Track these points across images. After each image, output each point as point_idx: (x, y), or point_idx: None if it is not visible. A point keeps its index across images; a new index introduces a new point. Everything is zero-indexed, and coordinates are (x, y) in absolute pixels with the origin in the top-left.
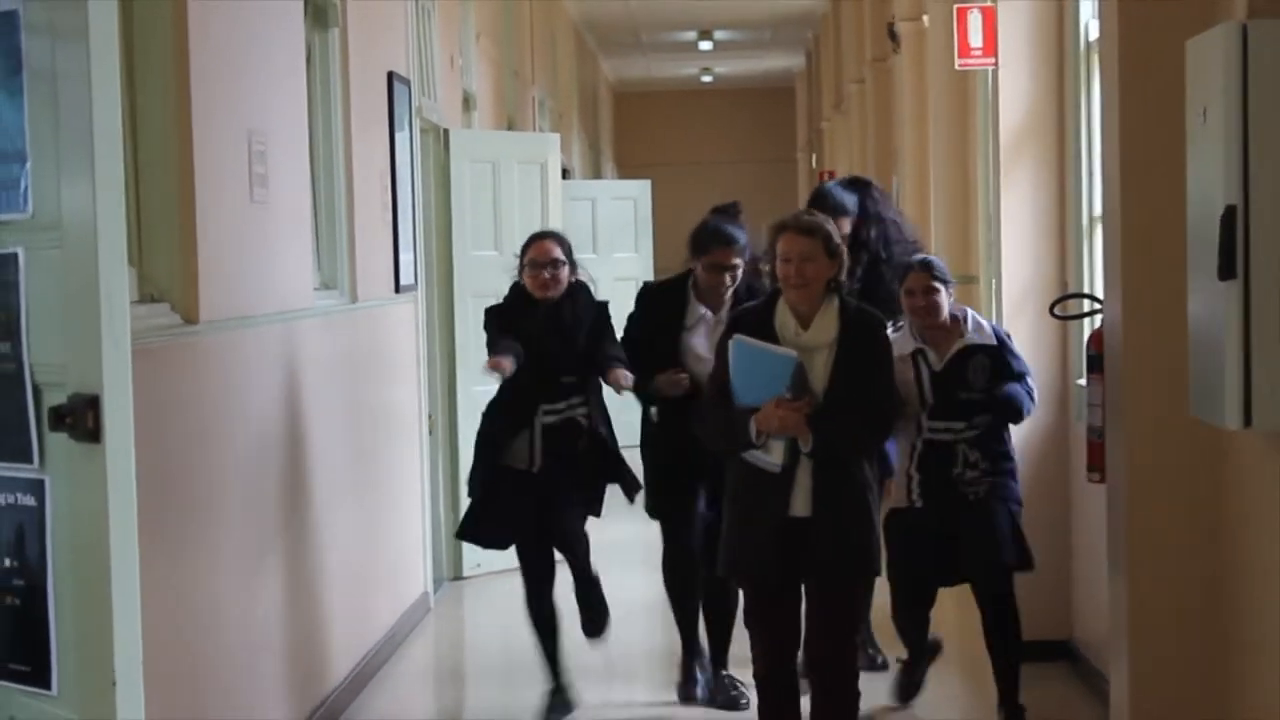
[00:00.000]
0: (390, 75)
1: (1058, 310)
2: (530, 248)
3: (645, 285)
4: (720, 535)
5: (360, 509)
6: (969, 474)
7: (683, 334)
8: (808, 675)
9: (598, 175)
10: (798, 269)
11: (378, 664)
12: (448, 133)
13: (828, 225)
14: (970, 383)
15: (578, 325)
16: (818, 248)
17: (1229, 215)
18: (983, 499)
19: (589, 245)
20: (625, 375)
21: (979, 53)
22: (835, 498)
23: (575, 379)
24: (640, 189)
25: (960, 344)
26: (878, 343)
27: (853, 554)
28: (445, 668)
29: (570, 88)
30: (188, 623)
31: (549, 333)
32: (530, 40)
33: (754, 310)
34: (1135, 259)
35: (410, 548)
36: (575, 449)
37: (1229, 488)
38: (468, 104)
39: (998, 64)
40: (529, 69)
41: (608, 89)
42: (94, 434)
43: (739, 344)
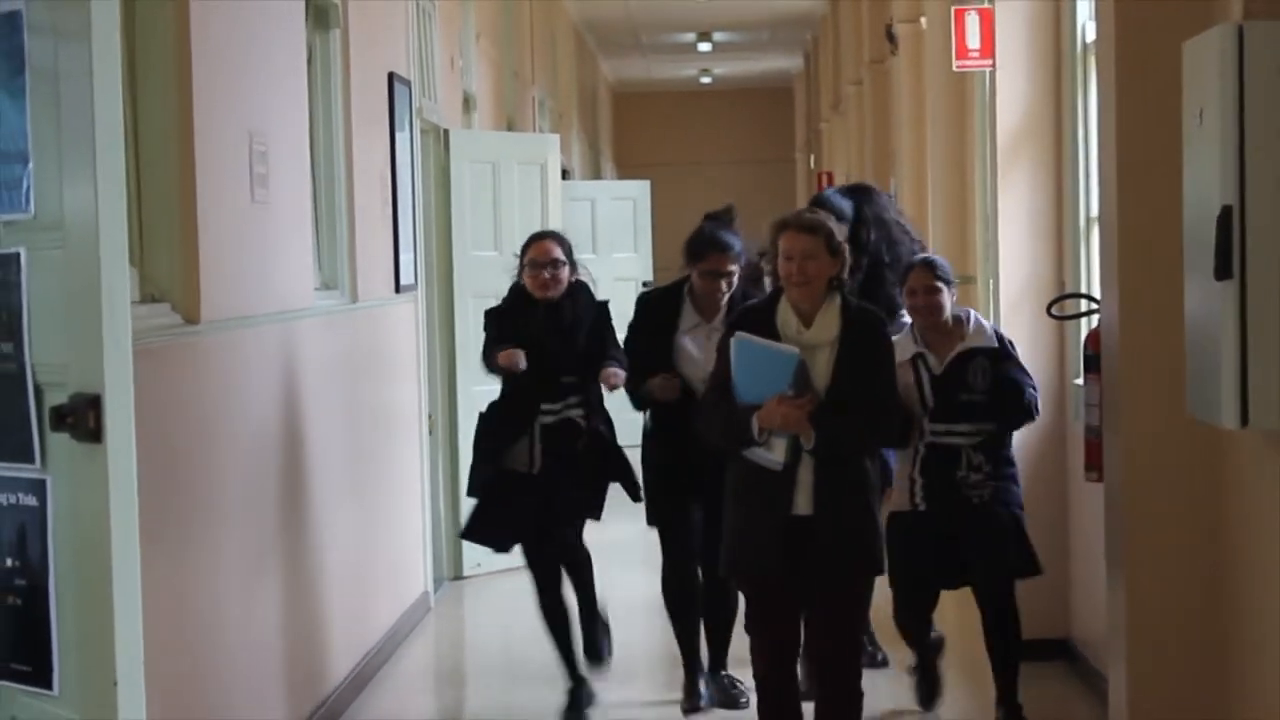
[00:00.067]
0: (391, 76)
1: (1055, 310)
2: (530, 248)
3: (644, 294)
4: (720, 537)
5: (360, 509)
6: (973, 477)
7: (676, 337)
8: (810, 675)
9: (597, 176)
10: (799, 267)
11: (378, 664)
12: (448, 133)
13: (830, 223)
14: (971, 385)
15: (577, 325)
16: (819, 246)
17: (1225, 215)
18: (987, 503)
19: (588, 245)
20: (616, 374)
21: (976, 54)
22: (838, 496)
23: (575, 379)
24: (640, 189)
25: (961, 346)
26: (880, 341)
27: (856, 552)
28: (445, 667)
29: (570, 88)
30: (188, 622)
31: (548, 333)
32: (530, 41)
33: (756, 308)
34: (1132, 259)
35: (410, 547)
36: (574, 449)
37: (1226, 487)
38: (468, 105)
39: (995, 65)
40: (529, 70)
41: (607, 90)
42: (95, 434)
43: (741, 341)
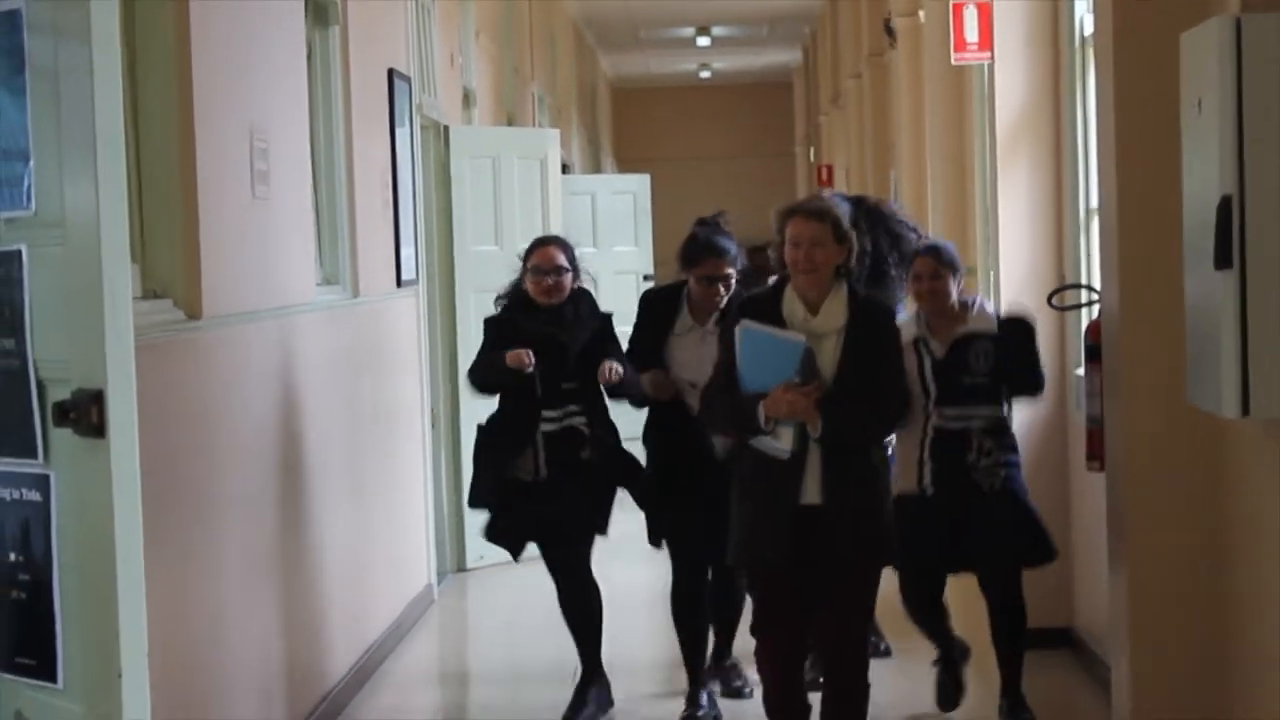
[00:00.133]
0: (391, 72)
1: (1055, 301)
2: (534, 253)
3: (647, 291)
4: (721, 535)
5: (363, 502)
6: (983, 461)
7: (670, 338)
8: (817, 666)
9: (597, 170)
10: (807, 254)
11: (382, 655)
12: (448, 129)
13: (837, 210)
14: (973, 368)
15: (579, 331)
16: (827, 232)
17: (1225, 205)
18: (997, 492)
19: (589, 239)
20: (614, 366)
21: (975, 47)
22: (846, 484)
23: (575, 385)
24: (640, 183)
25: (962, 330)
26: (887, 329)
27: (865, 541)
28: (449, 660)
29: (569, 84)
30: (191, 616)
31: (549, 339)
32: (529, 37)
33: (762, 296)
34: (1132, 250)
35: (414, 540)
36: (578, 457)
37: (1227, 476)
38: (468, 100)
39: (994, 58)
40: (528, 66)
41: (607, 85)
42: (98, 429)
43: (747, 330)
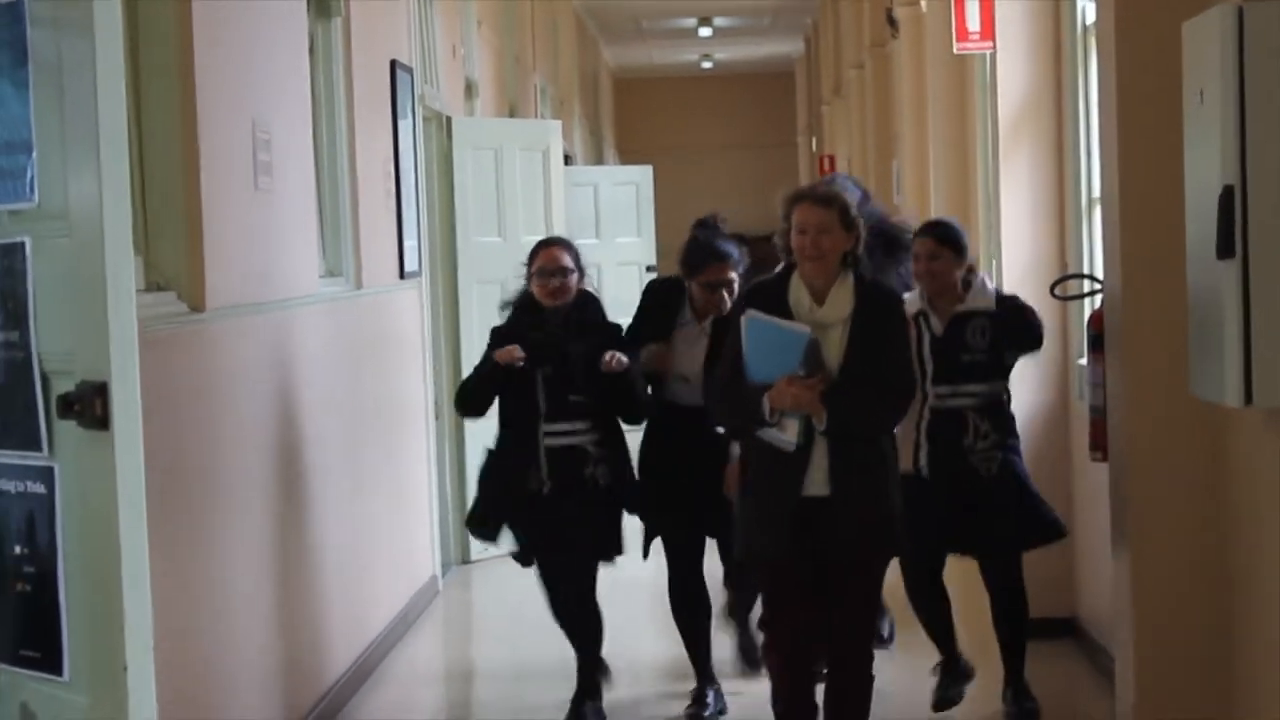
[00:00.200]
0: (393, 64)
1: (1058, 291)
2: (539, 255)
3: (652, 281)
4: (725, 533)
5: (367, 494)
6: (980, 445)
7: (675, 329)
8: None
9: (599, 161)
10: (813, 241)
11: (387, 647)
12: (450, 120)
13: (844, 196)
14: (971, 345)
15: (585, 339)
16: (834, 219)
17: (1227, 195)
18: (996, 476)
19: (591, 230)
20: (617, 356)
21: (977, 37)
22: (853, 475)
23: (583, 400)
24: (642, 174)
25: (959, 308)
26: (894, 318)
27: (872, 532)
28: (453, 651)
29: (571, 75)
30: (195, 608)
31: (557, 347)
32: (531, 28)
33: (768, 285)
34: (1134, 239)
35: (418, 532)
36: (583, 479)
37: (1230, 465)
38: (470, 91)
39: (996, 48)
40: (530, 56)
41: (609, 75)
42: (102, 421)
43: (752, 320)
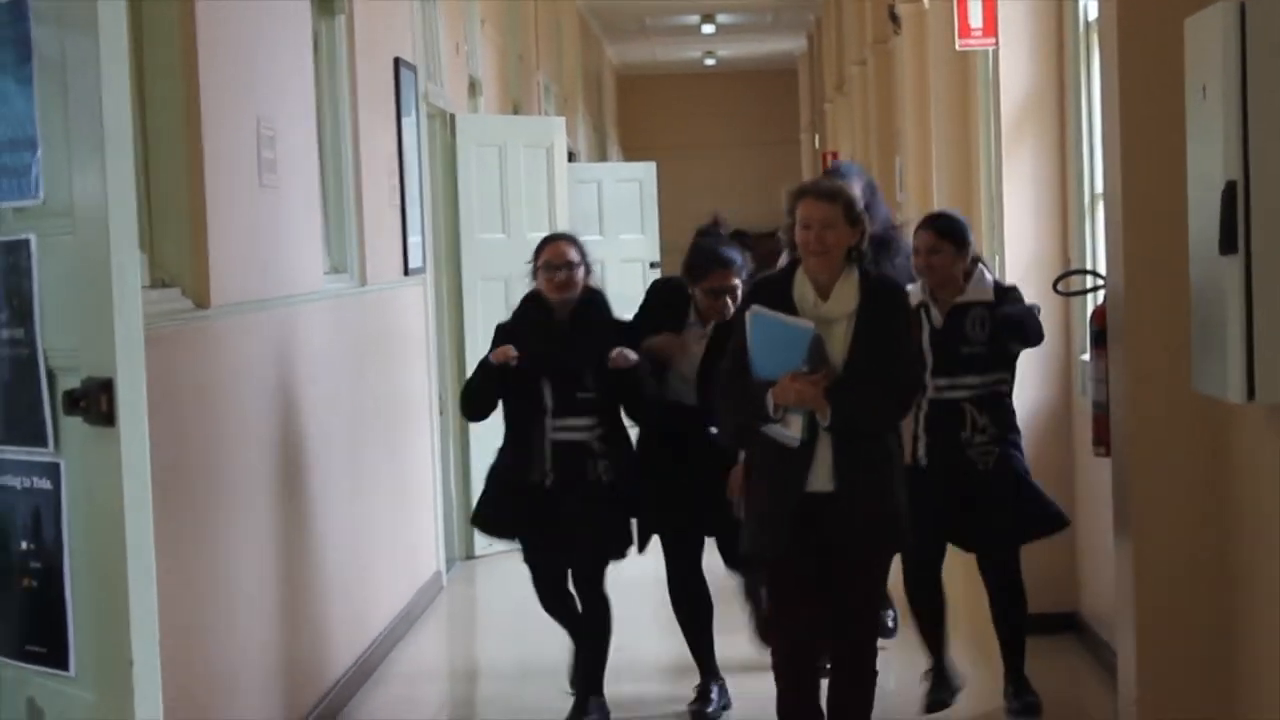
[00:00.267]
0: (397, 61)
1: (1060, 287)
2: (544, 250)
3: (658, 280)
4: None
5: (372, 490)
6: (977, 439)
7: (684, 329)
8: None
9: (603, 158)
10: (818, 236)
11: (391, 643)
12: (454, 117)
13: (848, 191)
14: (970, 337)
15: (592, 338)
16: (838, 214)
17: (1229, 190)
18: (992, 471)
19: (595, 227)
20: (624, 353)
21: (979, 33)
22: (857, 471)
23: (591, 396)
24: (645, 171)
25: (958, 299)
26: (899, 313)
27: (876, 528)
28: (458, 646)
29: (575, 72)
30: (199, 604)
31: (563, 343)
32: (535, 25)
33: (772, 279)
34: (1137, 235)
35: (422, 528)
36: (586, 476)
37: (1232, 460)
38: (473, 89)
39: (998, 44)
40: (534, 54)
41: (612, 73)
42: (108, 417)
43: (756, 315)
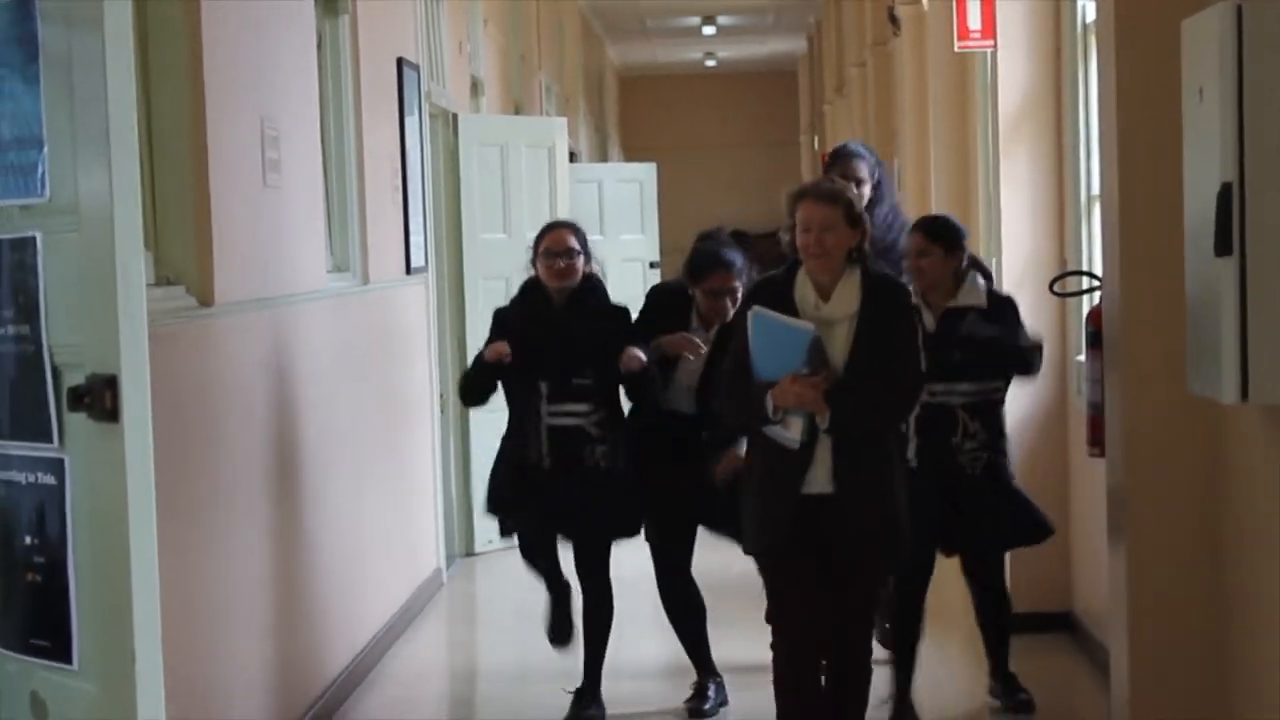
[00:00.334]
0: (400, 61)
1: (1057, 288)
2: (545, 237)
3: (656, 286)
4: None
5: (373, 487)
6: (968, 444)
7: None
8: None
9: (604, 158)
10: (817, 238)
11: (391, 639)
12: (456, 117)
13: (848, 193)
14: (960, 342)
15: (590, 325)
16: (838, 216)
17: (1225, 192)
18: (980, 477)
19: (596, 227)
20: (635, 354)
21: (978, 35)
22: (857, 474)
23: (588, 384)
24: (646, 171)
25: (950, 304)
26: (901, 314)
27: (875, 530)
28: (458, 642)
29: (576, 73)
30: (202, 599)
31: (559, 330)
32: (537, 26)
33: (774, 280)
34: (1133, 236)
35: (423, 524)
36: (584, 463)
37: (1226, 461)
38: (476, 89)
39: (996, 46)
40: (536, 55)
41: (613, 74)
42: (112, 414)
43: (757, 316)
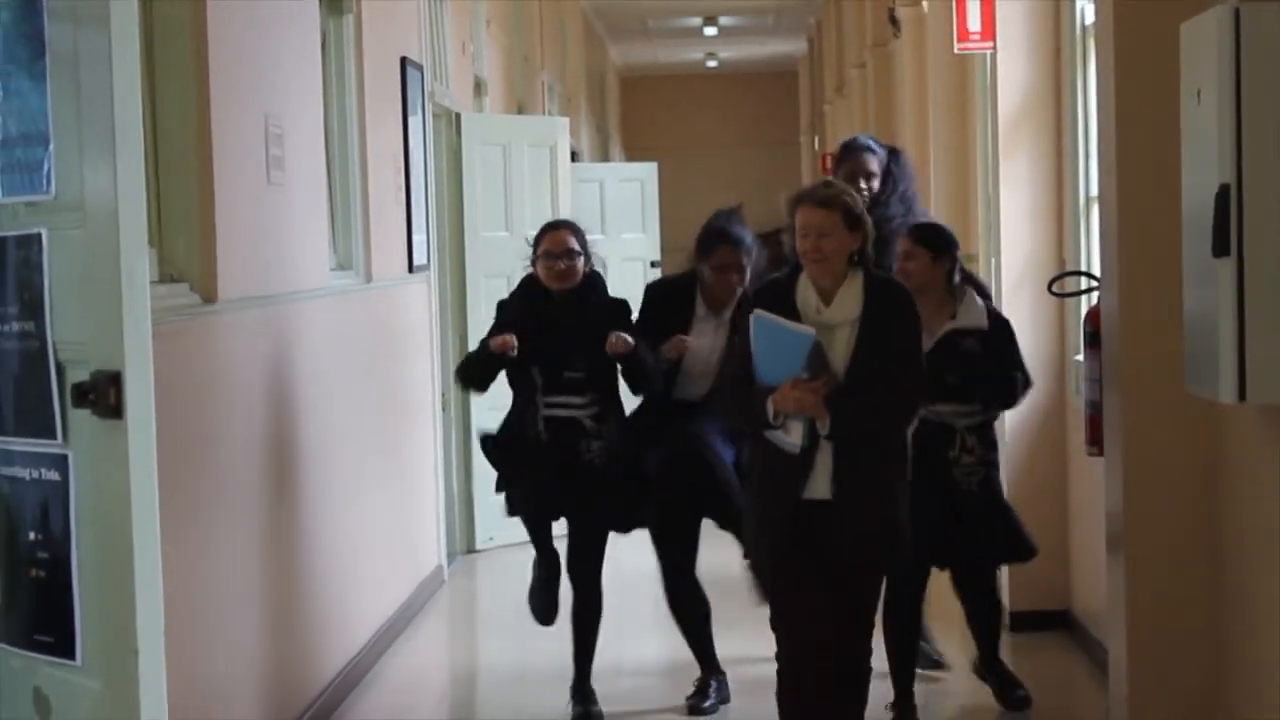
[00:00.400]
0: (403, 61)
1: (1055, 288)
2: (544, 237)
3: (652, 283)
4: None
5: (375, 484)
6: (965, 459)
7: (690, 333)
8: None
9: (606, 158)
10: (815, 243)
11: (393, 635)
12: (459, 117)
13: (846, 196)
14: (958, 367)
15: (586, 319)
16: (835, 221)
17: (1223, 194)
18: (976, 493)
19: (597, 226)
20: (622, 337)
21: (978, 37)
22: (856, 480)
23: (582, 376)
24: (647, 171)
25: (949, 326)
26: (904, 318)
27: (874, 537)
28: (458, 641)
29: (579, 73)
30: (204, 595)
31: (556, 325)
32: (540, 27)
33: (777, 283)
34: (1132, 237)
35: (424, 522)
36: (580, 458)
37: (1224, 460)
38: (479, 89)
39: (996, 48)
40: (538, 55)
41: (615, 74)
42: (116, 410)
43: (759, 319)
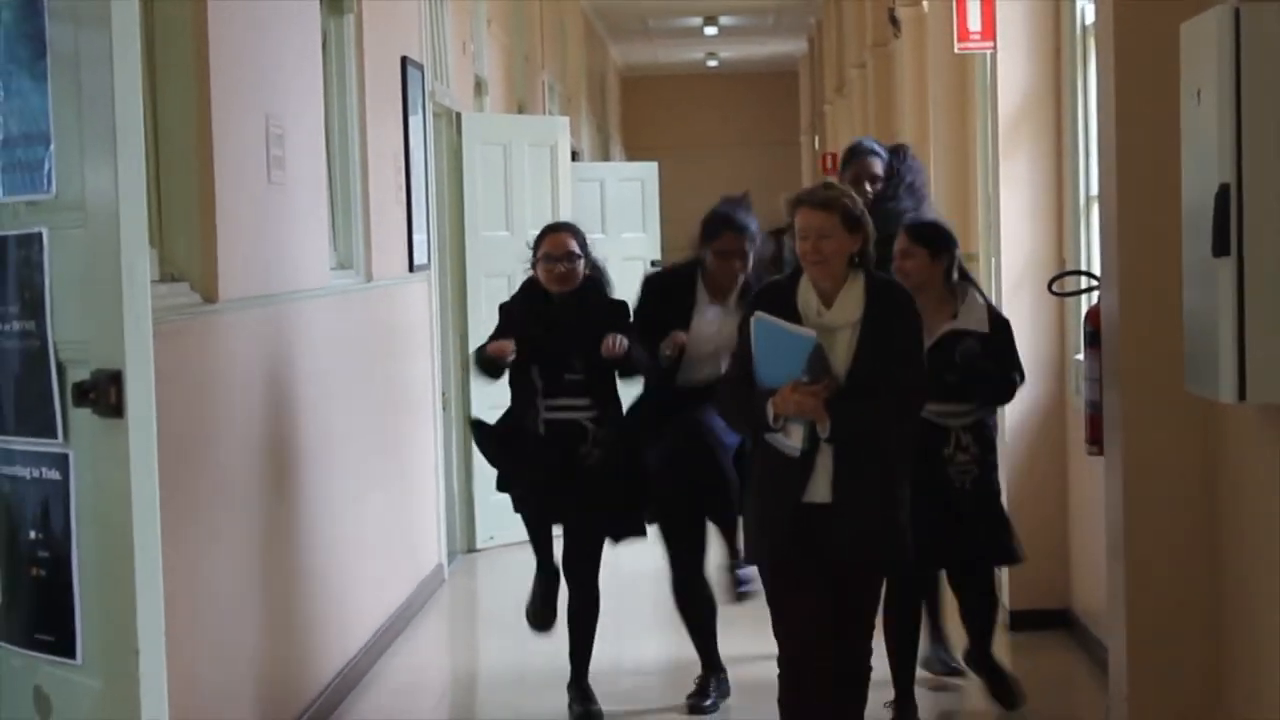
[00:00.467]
0: (404, 60)
1: (1055, 287)
2: (544, 240)
3: (649, 275)
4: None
5: (376, 484)
6: (960, 457)
7: (692, 321)
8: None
9: (606, 158)
10: (814, 246)
11: (394, 634)
12: (460, 116)
13: (845, 199)
14: (957, 366)
15: (586, 322)
16: (834, 223)
17: (1223, 193)
18: (969, 491)
19: (598, 226)
20: (618, 340)
21: (978, 37)
22: (857, 483)
23: (580, 378)
24: (647, 171)
25: (949, 327)
26: (905, 321)
27: (873, 540)
28: (459, 640)
29: (579, 72)
30: (205, 594)
31: (555, 327)
32: (540, 26)
33: (778, 285)
34: (1131, 237)
35: (425, 521)
36: (577, 455)
37: (1224, 459)
38: (479, 88)
39: (996, 47)
40: (539, 54)
41: (615, 74)
42: (116, 409)
43: (760, 321)
